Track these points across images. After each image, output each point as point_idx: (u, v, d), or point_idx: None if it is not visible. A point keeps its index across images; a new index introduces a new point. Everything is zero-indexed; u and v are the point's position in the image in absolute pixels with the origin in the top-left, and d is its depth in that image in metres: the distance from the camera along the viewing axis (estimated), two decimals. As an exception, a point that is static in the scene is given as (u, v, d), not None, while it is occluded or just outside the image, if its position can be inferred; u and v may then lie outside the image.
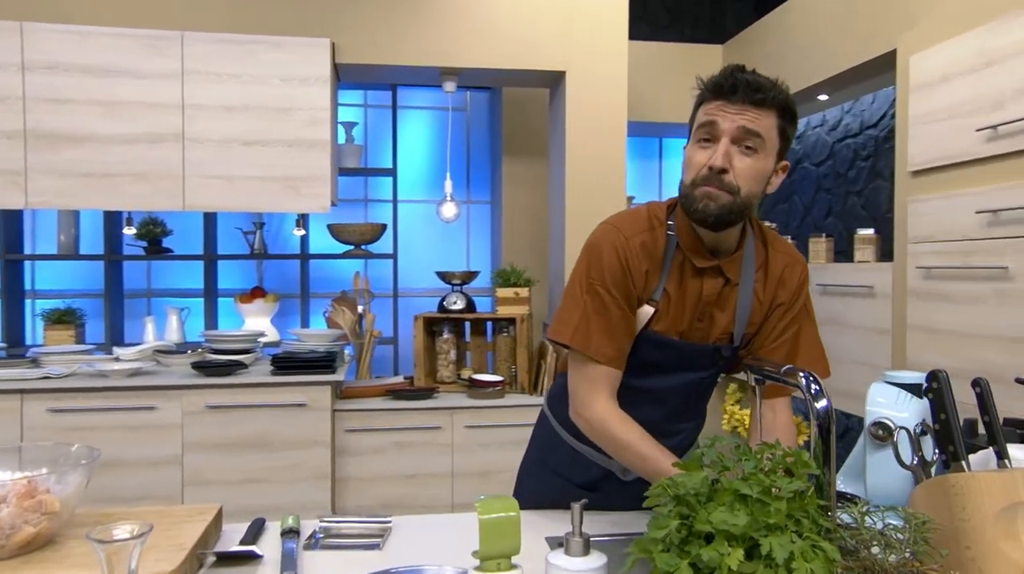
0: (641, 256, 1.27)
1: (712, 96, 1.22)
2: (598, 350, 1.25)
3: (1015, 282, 2.14)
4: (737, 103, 1.18)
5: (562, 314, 1.30)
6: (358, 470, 3.13)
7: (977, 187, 2.29)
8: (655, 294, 1.27)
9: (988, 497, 0.80)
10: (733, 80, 1.19)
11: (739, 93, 1.18)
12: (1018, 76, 2.15)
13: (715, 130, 1.20)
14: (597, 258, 1.28)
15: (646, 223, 1.30)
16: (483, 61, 3.22)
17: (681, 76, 4.29)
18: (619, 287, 1.25)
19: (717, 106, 1.20)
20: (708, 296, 1.28)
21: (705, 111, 1.22)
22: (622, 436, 1.23)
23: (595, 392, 1.26)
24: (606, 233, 1.30)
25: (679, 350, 1.30)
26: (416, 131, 4.43)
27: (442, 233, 4.46)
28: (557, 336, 1.29)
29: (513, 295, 3.36)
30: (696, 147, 1.24)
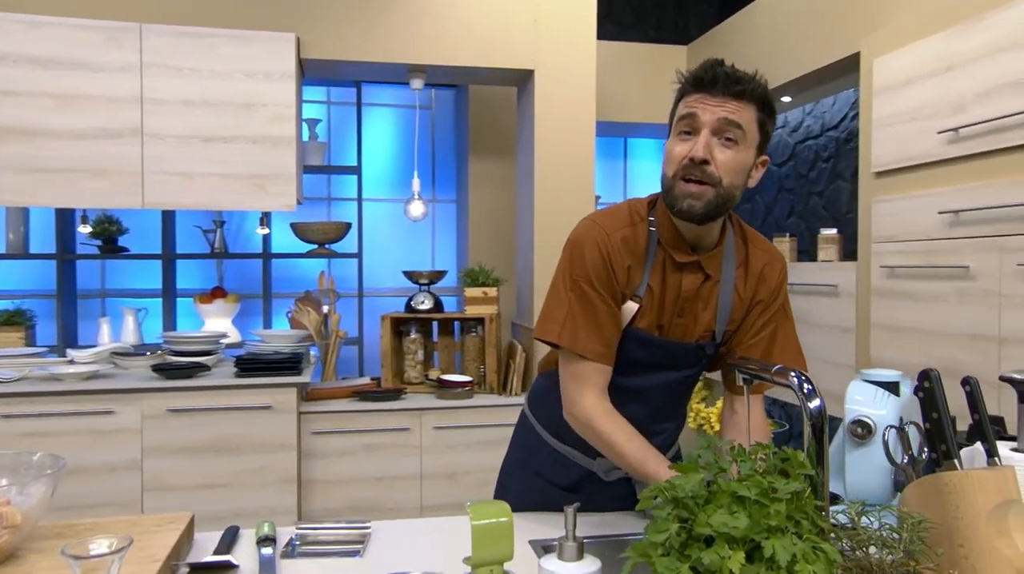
0: (623, 252, 1.26)
1: (692, 89, 1.22)
2: (586, 346, 1.24)
3: (976, 281, 2.19)
4: (717, 95, 1.19)
5: (548, 312, 1.28)
6: (325, 473, 3.07)
7: (939, 188, 2.34)
8: (639, 290, 1.27)
9: (981, 495, 0.81)
10: (713, 73, 1.20)
11: (719, 85, 1.19)
12: (978, 80, 2.20)
13: (695, 122, 1.20)
14: (579, 254, 1.27)
15: (627, 219, 1.30)
16: (451, 59, 3.19)
17: (646, 76, 4.32)
18: (603, 283, 1.25)
19: (697, 98, 1.21)
20: (687, 291, 1.28)
21: (686, 104, 1.23)
22: (608, 433, 1.22)
23: (584, 389, 1.26)
24: (588, 229, 1.29)
25: (663, 348, 1.30)
26: (380, 129, 4.38)
27: (407, 232, 4.42)
28: (544, 335, 1.28)
29: (482, 295, 3.33)
30: (677, 140, 1.24)
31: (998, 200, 2.12)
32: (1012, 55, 2.09)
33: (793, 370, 0.97)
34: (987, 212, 2.15)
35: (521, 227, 3.58)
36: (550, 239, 3.29)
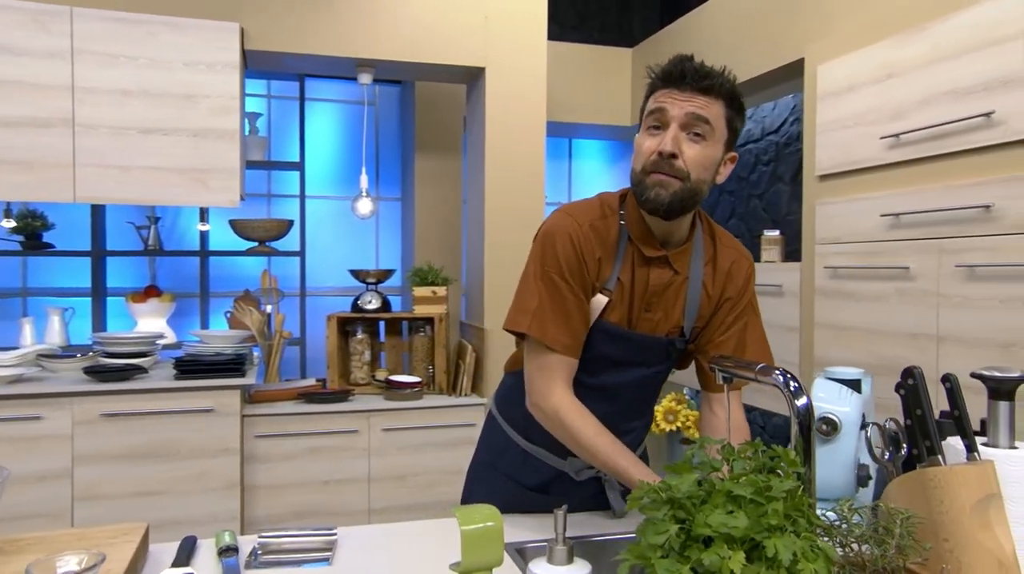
0: (594, 243, 1.26)
1: (661, 84, 1.23)
2: (554, 338, 1.23)
3: (915, 281, 2.28)
4: (686, 90, 1.20)
5: (518, 303, 1.27)
6: (269, 478, 2.98)
7: (880, 192, 2.43)
8: (608, 283, 1.27)
9: (965, 489, 0.83)
10: (682, 68, 1.21)
11: (687, 80, 1.20)
12: (918, 88, 2.29)
13: (664, 117, 1.21)
14: (551, 245, 1.26)
15: (599, 211, 1.30)
16: (401, 54, 3.13)
17: (591, 77, 4.35)
18: (574, 274, 1.24)
19: (666, 93, 1.22)
20: (655, 286, 1.29)
21: (655, 99, 1.24)
22: (579, 428, 1.22)
23: (552, 382, 1.25)
24: (559, 220, 1.28)
25: (633, 342, 1.30)
26: (322, 125, 4.28)
27: (350, 230, 4.33)
28: (514, 326, 1.26)
29: (431, 294, 3.29)
30: (646, 134, 1.25)
31: (937, 204, 2.20)
32: (949, 65, 2.18)
33: (777, 368, 0.98)
34: (927, 215, 2.24)
35: (470, 226, 3.55)
36: (501, 238, 3.27)
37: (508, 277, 3.26)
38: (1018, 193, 1.97)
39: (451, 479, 3.18)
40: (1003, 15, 2.02)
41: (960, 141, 2.15)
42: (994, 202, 2.03)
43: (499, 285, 3.26)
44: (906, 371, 0.89)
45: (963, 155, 2.15)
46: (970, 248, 2.10)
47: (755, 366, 1.02)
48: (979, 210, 2.07)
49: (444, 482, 3.17)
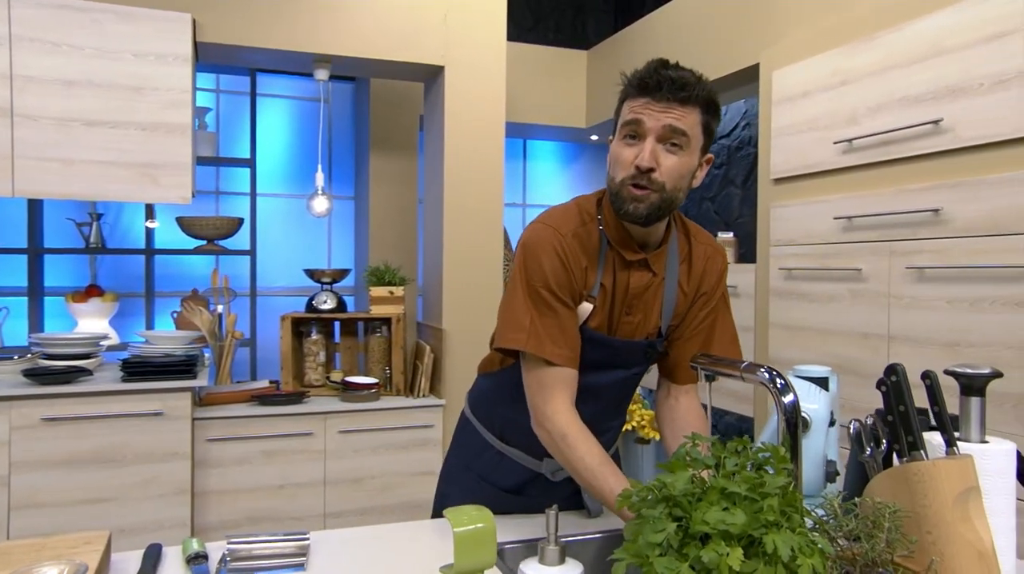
0: (579, 252, 1.25)
1: (637, 92, 1.21)
2: (553, 352, 1.21)
3: (867, 282, 2.35)
4: (662, 101, 1.18)
5: (509, 320, 1.24)
6: (221, 482, 2.90)
7: (834, 195, 2.50)
8: (593, 290, 1.26)
9: (947, 483, 0.85)
10: (658, 77, 1.18)
11: (664, 90, 1.18)
12: (869, 96, 2.36)
13: (640, 128, 1.19)
14: (535, 260, 1.24)
15: (578, 218, 1.29)
16: (359, 50, 3.08)
17: (547, 78, 4.37)
18: (562, 286, 1.23)
19: (643, 104, 1.20)
20: (635, 289, 1.29)
21: (631, 109, 1.22)
22: (583, 457, 1.18)
23: (555, 400, 1.22)
24: (541, 233, 1.26)
25: (614, 347, 1.29)
26: (272, 121, 4.19)
27: (300, 229, 4.25)
28: (509, 343, 1.23)
29: (388, 294, 3.25)
30: (622, 144, 1.23)
31: (888, 207, 2.27)
32: (900, 73, 2.26)
33: (763, 366, 0.99)
34: (878, 218, 2.31)
35: (428, 226, 3.52)
36: (460, 238, 3.25)
37: (467, 278, 3.25)
38: (965, 197, 2.05)
39: (409, 481, 3.14)
40: (950, 27, 2.10)
41: (910, 147, 2.22)
42: (943, 206, 2.10)
43: (458, 286, 3.24)
44: (889, 368, 0.91)
45: (913, 160, 2.23)
46: (919, 250, 2.18)
47: (740, 364, 1.03)
48: (928, 214, 2.14)
49: (401, 485, 3.13)
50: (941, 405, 0.90)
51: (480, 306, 3.26)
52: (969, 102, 2.05)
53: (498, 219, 3.30)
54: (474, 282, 3.25)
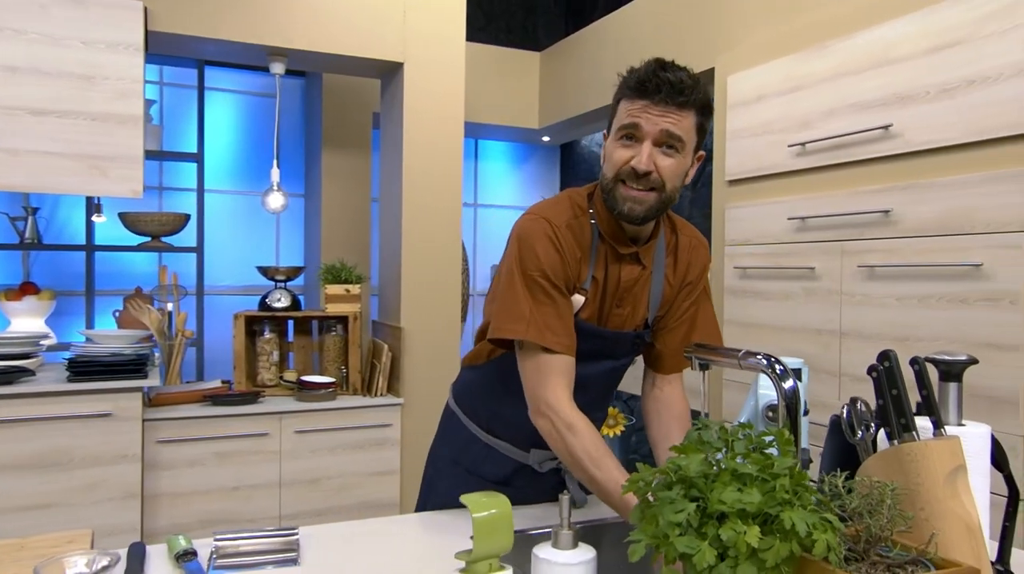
0: (573, 243, 1.27)
1: (635, 95, 1.21)
2: (552, 340, 1.22)
3: (820, 281, 2.44)
4: (660, 104, 1.19)
5: (507, 311, 1.24)
6: (172, 485, 2.81)
7: (788, 196, 2.59)
8: (585, 282, 1.28)
9: (939, 462, 0.90)
10: (656, 81, 1.19)
11: (662, 94, 1.19)
12: (822, 101, 2.46)
13: (638, 132, 1.20)
14: (530, 250, 1.25)
15: (570, 211, 1.30)
16: (317, 44, 3.03)
17: (499, 78, 4.39)
18: (558, 275, 1.24)
19: (641, 107, 1.20)
20: (626, 282, 1.31)
21: (628, 112, 1.22)
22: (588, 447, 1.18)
23: (557, 389, 1.22)
24: (535, 224, 1.27)
25: (605, 338, 1.32)
26: (217, 116, 4.09)
27: (246, 227, 4.16)
28: (508, 334, 1.23)
29: (344, 292, 3.21)
30: (617, 144, 1.24)
31: (840, 208, 2.37)
32: (851, 80, 2.35)
33: (761, 353, 1.02)
34: (831, 219, 2.40)
35: (384, 224, 3.49)
36: (419, 237, 3.23)
37: (426, 276, 3.24)
38: (914, 199, 2.15)
39: (366, 481, 3.11)
40: (898, 38, 2.21)
41: (862, 151, 2.32)
42: (892, 207, 2.21)
43: (417, 284, 3.22)
44: (882, 354, 0.95)
45: (864, 164, 2.33)
46: (870, 250, 2.28)
47: (739, 352, 1.07)
48: (879, 215, 2.25)
49: (359, 485, 3.09)
50: (929, 389, 0.95)
51: (439, 304, 3.26)
52: (917, 109, 2.16)
53: (456, 217, 3.30)
54: (433, 280, 3.24)
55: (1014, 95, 1.93)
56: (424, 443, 3.20)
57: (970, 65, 2.02)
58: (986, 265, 1.97)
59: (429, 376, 3.23)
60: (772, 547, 0.78)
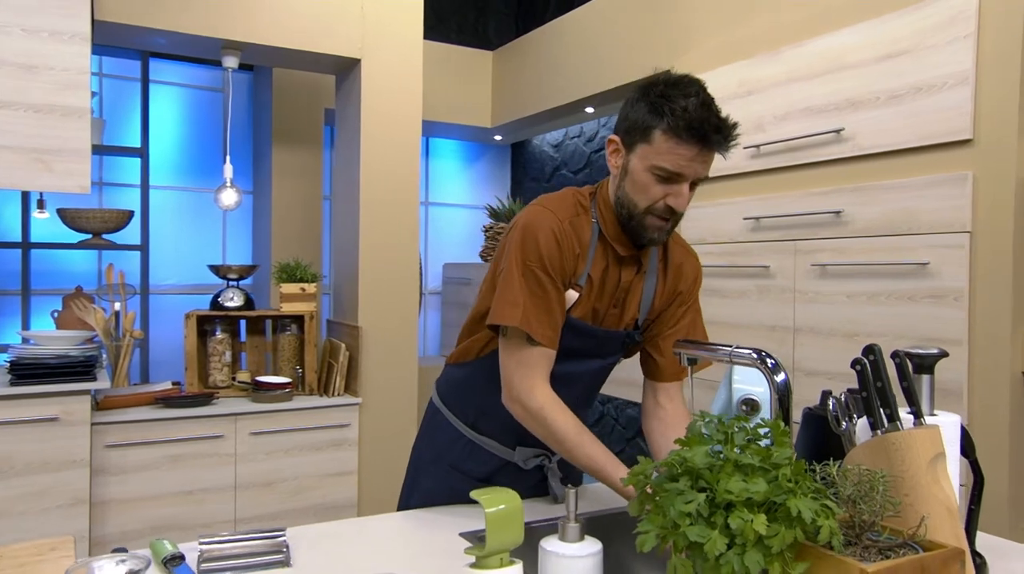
0: (574, 239, 1.28)
1: (686, 138, 1.18)
2: (540, 332, 1.24)
3: (774, 279, 2.53)
4: (704, 150, 1.20)
5: (505, 297, 1.25)
6: (122, 491, 2.71)
7: (743, 197, 2.66)
8: (580, 279, 1.30)
9: (922, 450, 0.95)
10: (706, 129, 1.18)
11: (713, 144, 1.20)
12: (775, 105, 2.54)
13: (680, 178, 1.21)
14: (532, 240, 1.26)
15: (574, 208, 1.32)
16: (272, 39, 2.97)
17: (452, 77, 4.38)
18: (555, 268, 1.26)
19: (687, 156, 1.19)
20: (625, 284, 1.34)
21: (675, 156, 1.19)
22: (560, 428, 1.22)
23: (534, 377, 1.25)
24: (539, 214, 1.29)
25: (596, 337, 1.34)
26: (160, 110, 3.96)
27: (191, 224, 4.06)
28: (504, 319, 1.24)
29: (299, 291, 3.16)
30: (652, 178, 1.22)
31: (793, 209, 2.46)
32: (803, 85, 2.44)
33: (751, 348, 1.06)
34: (784, 219, 2.49)
35: (339, 222, 3.44)
36: (377, 236, 3.20)
37: (384, 274, 3.21)
38: (864, 200, 2.25)
39: (323, 483, 3.07)
40: (851, 45, 2.30)
41: (814, 154, 2.41)
42: (844, 208, 2.30)
43: (375, 282, 3.19)
44: (867, 348, 1.00)
45: (817, 166, 2.42)
46: (822, 249, 2.37)
47: (729, 347, 1.10)
48: (831, 215, 2.34)
49: (316, 486, 3.05)
50: (910, 381, 1.01)
51: (397, 303, 3.23)
52: (867, 114, 2.25)
53: (414, 215, 3.28)
54: (391, 279, 3.21)
55: (957, 103, 2.04)
56: (383, 442, 3.19)
57: (917, 73, 2.12)
58: (932, 264, 2.07)
59: (387, 375, 3.20)
60: (778, 534, 0.82)
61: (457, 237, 5.06)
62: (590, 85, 3.69)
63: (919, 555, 0.84)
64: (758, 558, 0.82)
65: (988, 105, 1.98)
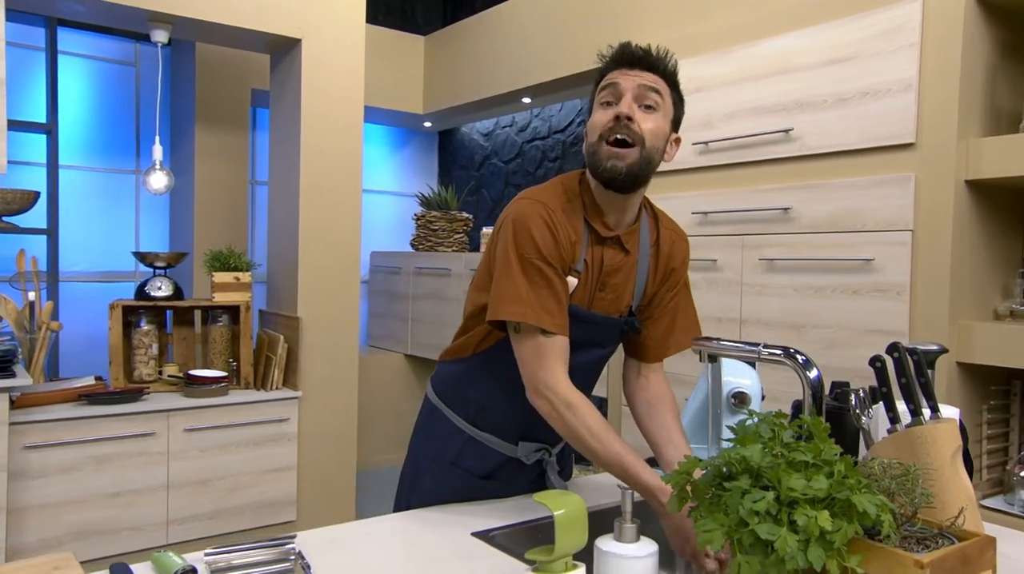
0: (568, 226, 1.27)
1: (613, 65, 1.29)
2: (550, 322, 1.22)
3: (722, 272, 2.61)
4: (635, 68, 1.27)
5: (504, 293, 1.23)
6: (42, 496, 2.51)
7: (692, 192, 2.73)
8: (578, 265, 1.29)
9: (945, 443, 1.01)
10: (631, 50, 1.29)
11: (636, 59, 1.27)
12: (724, 103, 2.61)
13: (617, 90, 1.26)
14: (526, 232, 1.24)
15: (563, 195, 1.31)
16: (206, 13, 2.79)
17: (383, 61, 4.28)
18: (553, 257, 1.25)
19: (619, 72, 1.28)
20: (609, 266, 1.33)
21: (607, 77, 1.29)
22: (592, 425, 1.20)
23: (555, 369, 1.23)
24: (530, 207, 1.27)
25: (595, 324, 1.33)
26: (64, 82, 3.67)
27: (100, 207, 3.79)
28: (507, 315, 1.22)
29: (233, 280, 3.01)
30: (599, 109, 1.28)
31: (741, 205, 2.54)
32: (752, 85, 2.52)
33: (784, 346, 1.08)
34: (732, 214, 2.57)
35: (276, 208, 3.29)
36: (317, 222, 3.08)
37: (325, 263, 3.10)
38: (811, 198, 2.35)
39: (261, 480, 2.95)
40: (799, 48, 2.39)
41: (763, 152, 2.49)
42: (792, 205, 2.40)
43: (316, 271, 3.08)
44: (891, 346, 1.04)
45: (765, 164, 2.50)
46: (770, 244, 2.46)
47: (759, 344, 1.12)
48: (779, 212, 2.43)
49: (253, 484, 2.93)
50: (926, 377, 1.06)
51: (339, 293, 3.13)
52: (815, 115, 2.35)
53: (357, 201, 3.19)
54: (333, 267, 3.11)
55: (900, 108, 2.15)
56: (323, 437, 3.10)
57: (863, 79, 2.23)
58: (876, 260, 2.19)
59: (328, 368, 3.11)
60: (841, 529, 0.84)
61: (384, 225, 4.95)
62: (530, 75, 3.68)
63: (960, 545, 0.89)
64: (820, 553, 0.84)
65: (930, 111, 2.10)
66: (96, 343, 3.58)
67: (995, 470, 2.10)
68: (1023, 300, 2.13)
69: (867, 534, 0.89)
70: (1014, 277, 2.18)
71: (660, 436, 1.33)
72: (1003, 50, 2.15)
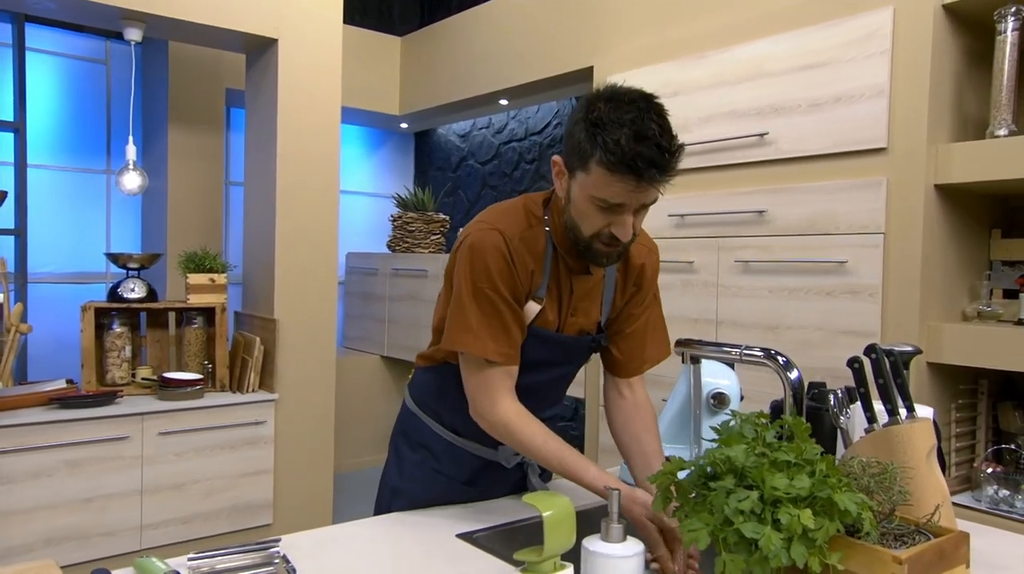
0: (525, 255, 1.26)
1: (621, 171, 1.11)
2: (496, 351, 1.22)
3: (698, 274, 2.64)
4: (646, 183, 1.14)
5: (456, 322, 1.24)
6: (12, 502, 2.47)
7: (668, 195, 2.73)
8: (540, 291, 1.28)
9: (921, 441, 1.03)
10: (650, 164, 1.13)
11: (650, 177, 1.14)
12: (699, 107, 2.65)
13: (620, 208, 1.16)
14: (481, 261, 1.23)
15: (524, 221, 1.28)
16: (180, 11, 2.76)
17: (359, 61, 4.26)
18: (508, 286, 1.24)
19: (626, 190, 1.13)
20: (579, 292, 1.34)
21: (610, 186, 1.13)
22: (528, 438, 1.22)
23: (496, 394, 1.24)
24: (486, 235, 1.25)
25: (562, 345, 1.33)
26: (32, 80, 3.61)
27: (69, 207, 3.73)
28: (458, 346, 1.23)
29: (208, 282, 2.98)
30: (593, 207, 1.17)
31: (717, 208, 2.57)
32: (728, 90, 2.56)
33: (765, 347, 1.10)
34: (708, 217, 2.60)
35: (252, 210, 3.26)
36: (294, 224, 3.06)
37: (302, 264, 3.08)
38: (786, 201, 2.39)
39: (237, 483, 2.92)
40: (771, 54, 2.43)
41: (738, 155, 2.53)
42: (767, 208, 2.43)
43: (293, 273, 3.06)
44: (869, 348, 1.07)
45: (741, 167, 2.54)
46: (745, 246, 2.49)
47: (739, 347, 1.14)
48: (754, 214, 2.47)
49: (229, 487, 2.90)
50: (886, 378, 1.08)
51: (316, 295, 3.12)
52: (789, 120, 2.39)
53: (334, 202, 3.17)
54: (310, 269, 3.09)
55: (872, 113, 2.20)
56: (300, 439, 3.08)
57: (836, 84, 2.28)
58: (849, 262, 2.23)
59: (305, 369, 3.09)
60: (823, 527, 0.86)
61: (360, 226, 4.93)
62: (508, 77, 3.69)
63: (936, 541, 0.92)
64: (803, 550, 0.86)
65: (901, 117, 2.15)
66: (66, 346, 3.52)
67: (963, 467, 2.15)
68: (990, 302, 2.18)
69: (847, 531, 0.91)
70: (981, 279, 2.24)
71: (632, 449, 1.34)
72: (970, 59, 2.20)
